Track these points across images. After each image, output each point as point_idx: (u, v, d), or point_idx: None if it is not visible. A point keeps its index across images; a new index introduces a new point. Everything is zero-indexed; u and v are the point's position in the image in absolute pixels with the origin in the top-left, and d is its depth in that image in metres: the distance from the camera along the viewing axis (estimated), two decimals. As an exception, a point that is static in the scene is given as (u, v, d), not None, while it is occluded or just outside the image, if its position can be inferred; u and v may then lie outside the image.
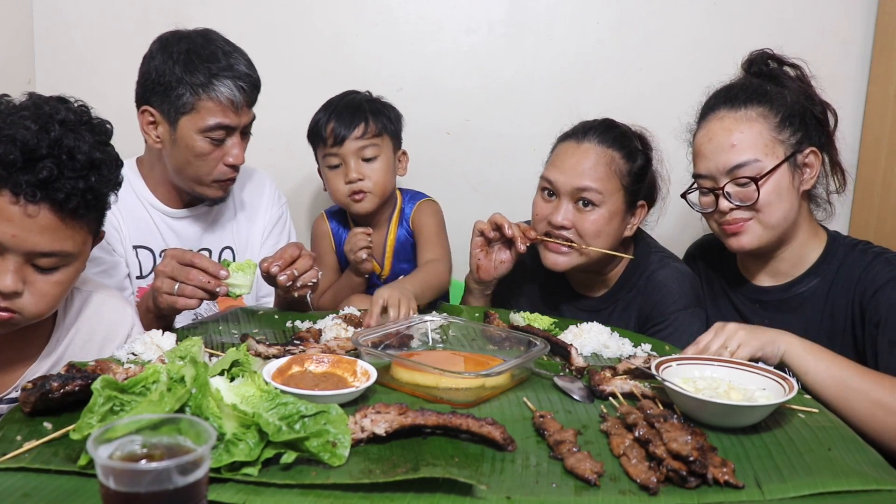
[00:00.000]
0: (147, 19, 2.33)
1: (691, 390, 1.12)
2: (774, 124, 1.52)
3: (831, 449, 1.04)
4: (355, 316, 1.56)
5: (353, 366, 1.23)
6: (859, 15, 2.31)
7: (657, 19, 2.36)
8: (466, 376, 1.20)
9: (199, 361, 0.98)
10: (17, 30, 2.28)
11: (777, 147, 1.52)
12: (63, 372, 1.14)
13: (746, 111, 1.54)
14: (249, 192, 2.00)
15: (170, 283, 1.45)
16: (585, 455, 0.97)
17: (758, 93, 1.56)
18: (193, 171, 1.75)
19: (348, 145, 1.93)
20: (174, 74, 1.68)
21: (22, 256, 1.21)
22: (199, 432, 0.76)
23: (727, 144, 1.53)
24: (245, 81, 1.71)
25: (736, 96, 1.57)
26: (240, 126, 1.74)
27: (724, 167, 1.52)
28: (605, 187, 1.65)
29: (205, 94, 1.68)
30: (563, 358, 1.38)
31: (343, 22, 2.38)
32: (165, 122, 1.72)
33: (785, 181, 1.51)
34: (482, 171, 2.47)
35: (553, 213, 1.68)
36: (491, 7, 2.38)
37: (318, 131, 1.97)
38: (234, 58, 1.73)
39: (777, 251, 1.59)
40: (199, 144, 1.71)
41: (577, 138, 1.71)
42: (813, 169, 1.55)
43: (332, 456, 0.93)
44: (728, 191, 1.52)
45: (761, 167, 1.50)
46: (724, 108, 1.57)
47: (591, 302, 1.81)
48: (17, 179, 1.16)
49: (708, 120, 1.59)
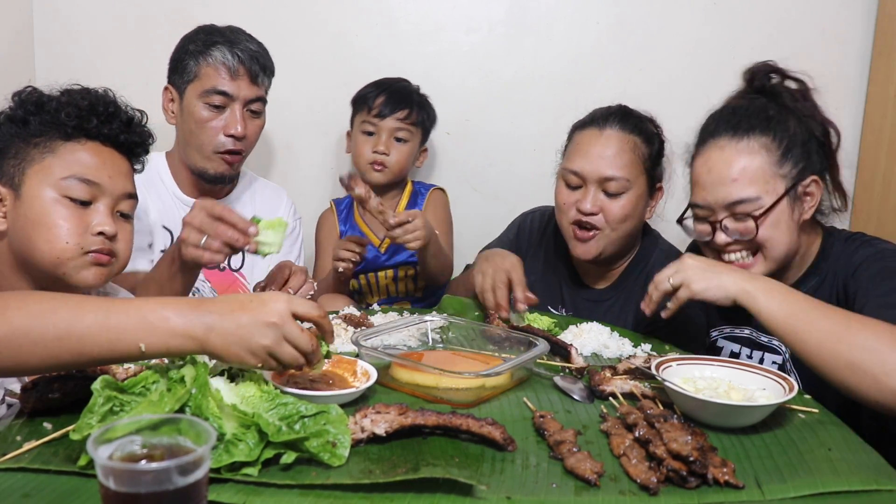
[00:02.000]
0: (147, 19, 2.33)
1: (691, 390, 1.12)
2: (776, 158, 1.46)
3: (831, 449, 1.04)
4: (355, 316, 1.56)
5: (353, 366, 1.23)
6: (859, 15, 2.31)
7: (657, 19, 2.36)
8: (466, 376, 1.20)
9: (199, 361, 0.98)
10: (17, 29, 2.28)
11: (778, 182, 1.46)
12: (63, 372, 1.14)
13: (749, 142, 1.47)
14: (268, 203, 2.07)
15: (197, 235, 1.41)
16: (585, 455, 0.97)
17: (760, 120, 1.49)
18: (196, 140, 1.83)
19: (388, 121, 2.12)
20: (185, 49, 1.84)
21: (113, 200, 1.34)
22: (199, 432, 0.76)
23: (727, 178, 1.46)
24: (243, 51, 1.81)
25: (738, 124, 1.50)
26: (239, 96, 1.82)
27: (722, 201, 1.46)
28: (630, 173, 1.68)
29: (203, 61, 1.80)
30: (563, 358, 1.38)
31: (343, 22, 2.38)
32: (177, 94, 1.86)
33: (784, 215, 1.46)
34: (482, 171, 2.47)
35: (581, 201, 1.69)
36: (491, 7, 2.38)
37: (366, 100, 2.14)
38: (242, 35, 1.85)
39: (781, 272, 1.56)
40: (199, 111, 1.81)
41: (598, 126, 1.73)
42: (814, 198, 1.50)
43: (332, 456, 0.93)
44: (726, 224, 1.47)
45: (761, 204, 1.44)
46: (724, 136, 1.50)
47: (594, 292, 1.82)
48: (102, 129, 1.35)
49: (707, 147, 1.52)
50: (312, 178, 2.49)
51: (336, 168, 2.49)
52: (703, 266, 1.34)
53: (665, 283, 1.35)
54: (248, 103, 1.84)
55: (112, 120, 1.37)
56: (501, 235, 2.01)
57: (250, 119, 1.86)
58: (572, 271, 1.87)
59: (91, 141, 1.35)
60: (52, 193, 1.30)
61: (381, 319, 1.60)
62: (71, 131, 1.33)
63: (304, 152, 2.48)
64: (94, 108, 1.35)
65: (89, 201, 1.32)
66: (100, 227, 1.31)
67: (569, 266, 1.87)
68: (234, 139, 1.82)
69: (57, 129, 1.33)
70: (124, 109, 1.41)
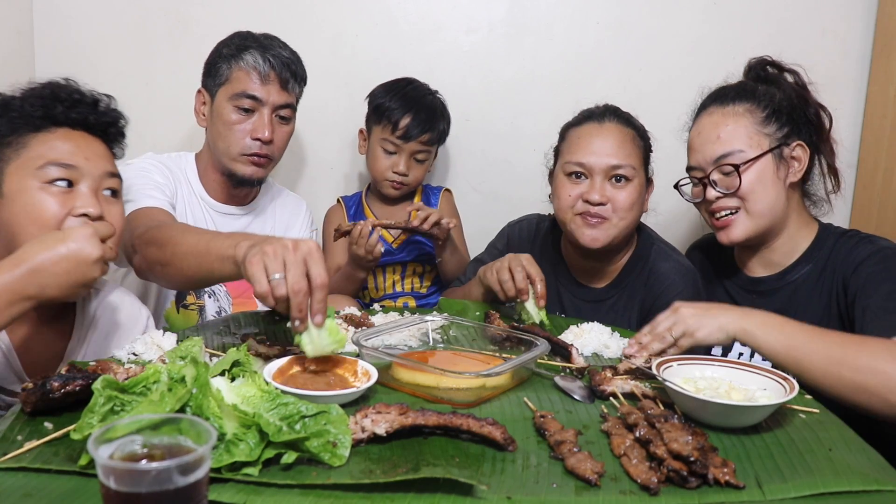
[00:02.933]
0: (147, 19, 2.33)
1: (692, 390, 1.12)
2: (760, 119, 1.60)
3: (832, 449, 1.04)
4: (355, 316, 1.56)
5: (353, 366, 1.23)
6: (859, 15, 2.31)
7: (657, 19, 2.36)
8: (467, 376, 1.20)
9: (199, 361, 0.98)
10: (17, 29, 2.28)
11: (762, 139, 1.59)
12: (64, 372, 1.14)
13: (734, 107, 1.63)
14: (288, 211, 2.12)
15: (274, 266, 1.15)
16: (586, 455, 0.97)
17: (746, 90, 1.65)
18: (224, 142, 1.86)
19: (412, 144, 2.12)
20: (219, 53, 1.88)
21: (95, 181, 1.35)
22: (200, 432, 0.76)
23: (714, 137, 1.62)
24: (275, 57, 1.84)
25: (725, 94, 1.66)
26: (268, 101, 1.85)
27: (710, 157, 1.62)
28: (634, 162, 1.72)
29: (235, 65, 1.84)
30: (563, 358, 1.38)
31: (343, 22, 2.38)
32: (209, 97, 1.90)
33: (769, 171, 1.59)
34: (482, 171, 2.47)
35: (589, 192, 1.71)
36: (491, 7, 2.38)
37: (389, 114, 2.10)
38: (275, 42, 1.89)
39: (769, 242, 1.66)
40: (228, 113, 1.84)
41: (597, 120, 1.76)
42: (800, 162, 1.62)
43: (332, 456, 0.93)
44: (713, 178, 1.61)
45: (744, 156, 1.58)
46: (713, 105, 1.66)
47: (593, 292, 1.82)
48: (69, 114, 1.36)
49: (699, 117, 1.69)
50: (312, 179, 2.49)
51: (336, 168, 2.49)
52: (699, 312, 1.35)
53: (667, 336, 1.34)
54: (277, 109, 1.87)
55: (77, 104, 1.38)
56: (489, 248, 2.01)
57: (278, 125, 1.88)
58: (569, 273, 1.86)
59: (60, 127, 1.36)
60: (33, 183, 1.30)
61: (381, 319, 1.60)
62: (39, 122, 1.34)
63: (304, 152, 2.48)
64: (57, 95, 1.37)
65: (70, 183, 1.32)
66: (83, 208, 1.32)
67: (565, 268, 1.87)
68: (262, 143, 1.85)
69: (25, 124, 1.33)
70: (88, 94, 1.42)
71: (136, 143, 1.79)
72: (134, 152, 1.87)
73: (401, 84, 2.17)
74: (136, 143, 1.81)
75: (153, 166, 1.85)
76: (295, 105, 1.93)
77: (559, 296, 1.86)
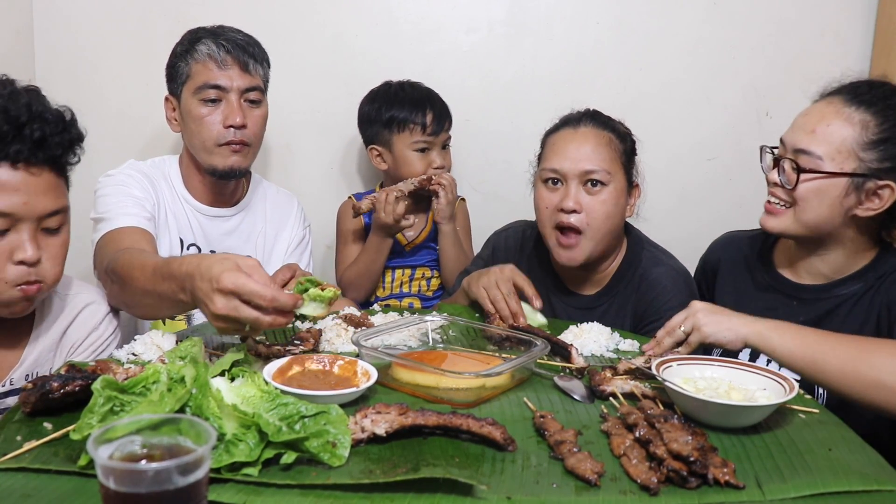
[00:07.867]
0: (147, 19, 2.33)
1: (692, 390, 1.12)
2: (867, 138, 1.44)
3: (832, 449, 1.04)
4: (355, 316, 1.56)
5: (353, 366, 1.23)
6: (859, 15, 2.31)
7: (657, 19, 2.36)
8: (467, 376, 1.20)
9: (199, 362, 0.98)
10: (17, 30, 2.28)
11: (850, 160, 1.44)
12: (63, 372, 1.14)
13: (853, 111, 1.46)
14: (279, 209, 2.07)
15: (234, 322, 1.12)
16: (586, 455, 0.97)
17: (880, 99, 1.47)
18: (199, 139, 1.82)
19: (441, 136, 2.20)
20: (175, 54, 1.85)
21: (34, 222, 1.26)
22: (200, 432, 0.76)
23: (811, 127, 1.48)
24: (228, 41, 1.81)
25: (858, 91, 1.49)
26: (232, 87, 1.80)
27: (794, 144, 1.50)
28: (610, 166, 1.67)
29: (191, 59, 1.81)
30: (563, 358, 1.38)
31: (343, 22, 2.38)
32: (176, 100, 1.86)
33: (833, 193, 1.46)
34: (482, 171, 2.47)
35: (563, 199, 1.67)
36: (491, 7, 2.38)
37: (411, 120, 2.15)
38: (226, 28, 1.86)
39: (820, 251, 1.56)
40: (196, 108, 1.81)
41: (572, 125, 1.73)
42: (882, 202, 1.46)
43: (332, 456, 0.93)
44: (784, 166, 1.51)
45: (818, 164, 1.45)
46: (840, 96, 1.50)
47: (584, 300, 1.80)
48: (13, 148, 1.21)
49: (822, 99, 1.54)
50: (312, 179, 2.49)
51: (336, 168, 2.49)
52: (713, 310, 1.34)
53: (678, 331, 1.33)
54: (244, 93, 1.82)
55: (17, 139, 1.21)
56: (476, 258, 2.00)
57: (249, 109, 1.83)
58: (558, 280, 1.84)
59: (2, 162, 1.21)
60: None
61: (381, 319, 1.60)
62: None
63: (303, 152, 2.48)
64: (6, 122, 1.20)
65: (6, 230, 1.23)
66: (20, 255, 1.25)
67: (554, 275, 1.83)
68: (235, 129, 1.81)
69: None
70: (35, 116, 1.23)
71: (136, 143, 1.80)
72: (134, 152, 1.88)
73: (392, 89, 2.19)
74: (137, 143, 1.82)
75: (132, 178, 1.79)
76: (262, 87, 1.88)
77: (550, 304, 1.83)
